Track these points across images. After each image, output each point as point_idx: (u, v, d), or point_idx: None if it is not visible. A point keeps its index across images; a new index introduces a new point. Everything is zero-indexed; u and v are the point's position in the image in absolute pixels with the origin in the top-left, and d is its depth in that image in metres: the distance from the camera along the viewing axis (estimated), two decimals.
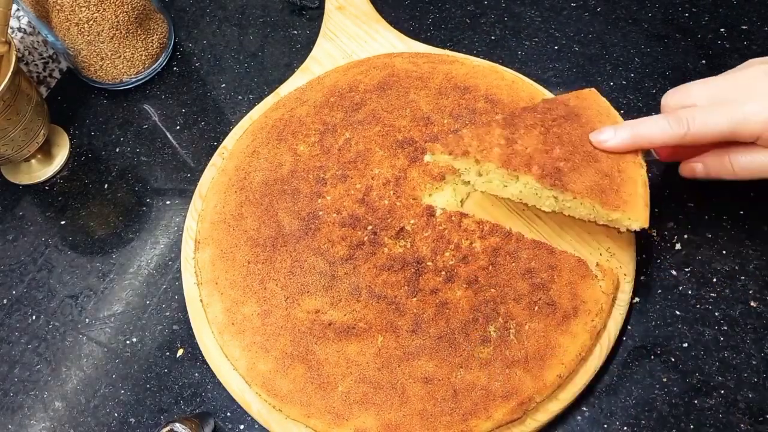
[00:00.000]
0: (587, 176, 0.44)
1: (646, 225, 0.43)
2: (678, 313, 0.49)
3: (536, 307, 0.46)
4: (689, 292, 0.50)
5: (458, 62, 0.59)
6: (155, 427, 0.49)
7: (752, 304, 0.49)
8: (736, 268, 0.50)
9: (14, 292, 0.56)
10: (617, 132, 0.45)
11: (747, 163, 0.43)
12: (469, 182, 0.49)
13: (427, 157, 0.48)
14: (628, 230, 0.45)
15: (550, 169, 0.44)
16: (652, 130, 0.43)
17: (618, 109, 0.58)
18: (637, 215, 0.43)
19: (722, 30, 0.62)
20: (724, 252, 0.51)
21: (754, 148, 0.42)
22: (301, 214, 0.53)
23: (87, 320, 0.54)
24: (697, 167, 0.46)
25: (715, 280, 0.50)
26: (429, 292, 0.48)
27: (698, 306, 0.49)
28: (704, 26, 0.62)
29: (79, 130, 0.64)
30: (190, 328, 0.51)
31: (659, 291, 0.50)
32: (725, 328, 0.48)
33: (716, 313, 0.49)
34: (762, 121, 0.40)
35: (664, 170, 0.55)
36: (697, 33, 0.62)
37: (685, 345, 0.48)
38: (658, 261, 0.51)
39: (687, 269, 0.51)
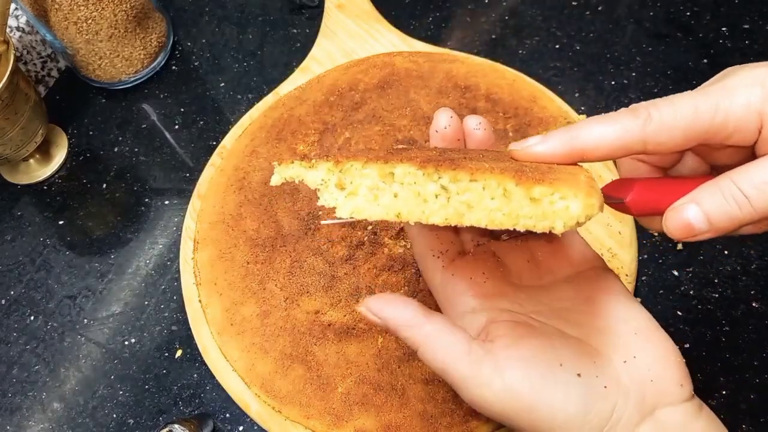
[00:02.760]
0: (495, 163, 0.29)
1: (594, 210, 0.26)
2: (680, 313, 0.49)
3: None
4: (691, 293, 0.50)
5: (459, 61, 0.59)
6: (154, 429, 0.49)
7: (754, 304, 0.49)
8: (738, 268, 0.50)
9: (12, 293, 0.56)
10: (548, 136, 0.30)
11: (765, 178, 0.26)
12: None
13: (274, 179, 0.32)
14: (566, 230, 0.26)
15: (438, 158, 0.29)
16: (595, 129, 0.29)
17: (619, 108, 0.58)
18: (573, 192, 0.26)
19: (724, 29, 0.61)
20: (725, 252, 0.51)
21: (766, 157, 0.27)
22: (301, 214, 0.52)
23: (85, 321, 0.54)
24: (690, 211, 0.28)
25: (716, 280, 0.50)
26: (429, 293, 0.48)
27: (700, 306, 0.49)
28: (706, 25, 0.62)
29: (78, 130, 0.64)
30: (189, 329, 0.51)
31: (661, 291, 0.50)
32: (727, 328, 0.48)
33: (718, 314, 0.49)
34: (760, 91, 0.26)
35: None
36: (698, 32, 0.62)
37: (687, 346, 0.48)
38: (660, 261, 0.51)
39: (689, 269, 0.50)
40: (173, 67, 0.66)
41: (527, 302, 0.34)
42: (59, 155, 0.62)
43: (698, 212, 0.28)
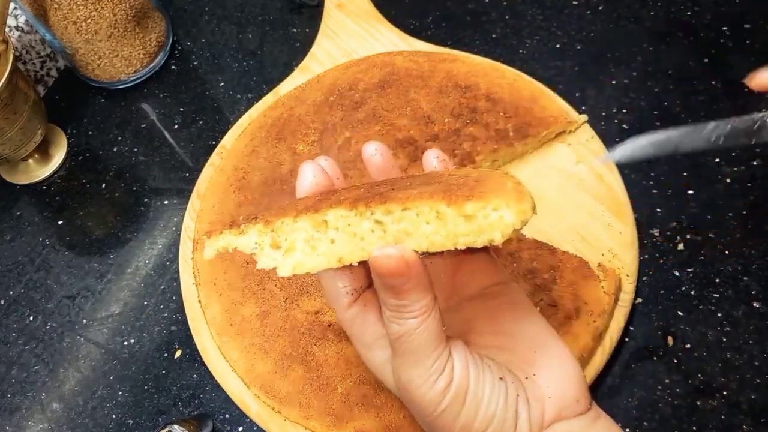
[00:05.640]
0: (423, 188, 0.28)
1: (527, 214, 0.26)
2: (680, 313, 0.49)
3: (538, 308, 0.46)
4: (692, 293, 0.49)
5: (459, 60, 0.58)
6: (153, 429, 0.49)
7: (755, 304, 0.49)
8: (739, 268, 0.50)
9: (11, 293, 0.56)
10: None
11: None
12: None
13: (206, 253, 0.31)
14: (505, 239, 0.26)
15: (366, 196, 0.29)
16: None
17: (620, 108, 0.58)
18: (505, 201, 0.26)
19: (725, 29, 0.61)
20: (726, 252, 0.51)
21: None
22: None
23: (84, 321, 0.54)
24: None
25: (717, 280, 0.50)
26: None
27: (701, 307, 0.49)
28: (707, 25, 0.62)
29: (77, 130, 0.64)
30: (189, 329, 0.51)
31: (662, 292, 0.50)
32: (728, 329, 0.48)
33: (719, 314, 0.49)
34: None
35: (667, 169, 0.54)
36: (699, 31, 0.61)
37: (688, 346, 0.48)
38: (661, 261, 0.51)
39: (689, 270, 0.50)
40: (173, 67, 0.66)
41: None
42: (58, 155, 0.62)
43: None
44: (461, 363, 0.29)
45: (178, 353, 0.52)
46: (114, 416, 0.50)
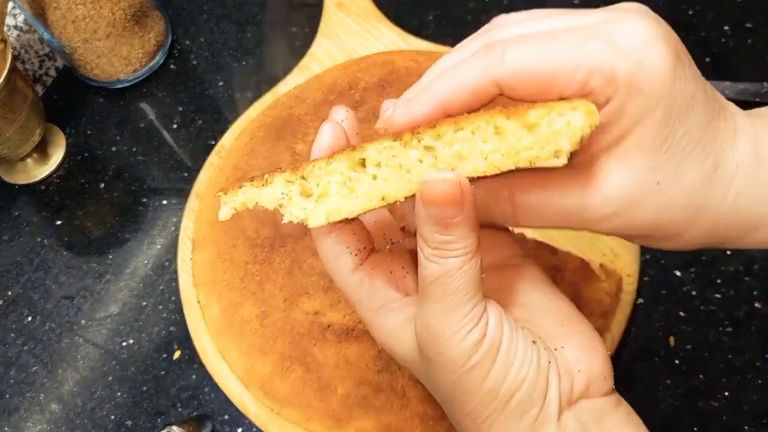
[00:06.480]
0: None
1: (595, 116, 0.23)
2: (682, 314, 0.49)
3: None
4: (693, 293, 0.49)
5: None
6: (152, 430, 0.49)
7: (756, 305, 0.48)
8: (741, 269, 0.50)
9: (10, 293, 0.56)
10: (409, 101, 0.27)
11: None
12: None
13: (222, 212, 0.28)
14: (574, 147, 0.24)
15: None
16: (455, 74, 0.27)
17: None
18: (570, 105, 0.24)
19: (726, 28, 0.61)
20: (728, 253, 0.50)
21: (545, 175, 0.27)
22: None
23: (83, 321, 0.54)
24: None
25: (719, 281, 0.49)
26: None
27: (702, 307, 0.49)
28: (708, 24, 0.61)
29: (76, 129, 0.63)
30: (187, 330, 0.51)
31: (663, 292, 0.50)
32: (729, 329, 0.48)
33: (720, 315, 0.48)
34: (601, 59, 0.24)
35: None
36: (700, 31, 0.61)
37: (689, 346, 0.48)
38: (662, 262, 0.51)
39: (691, 270, 0.50)
40: (172, 66, 0.66)
41: None
42: (57, 155, 0.62)
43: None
44: (496, 318, 0.28)
45: (177, 354, 0.51)
46: (113, 417, 0.50)
